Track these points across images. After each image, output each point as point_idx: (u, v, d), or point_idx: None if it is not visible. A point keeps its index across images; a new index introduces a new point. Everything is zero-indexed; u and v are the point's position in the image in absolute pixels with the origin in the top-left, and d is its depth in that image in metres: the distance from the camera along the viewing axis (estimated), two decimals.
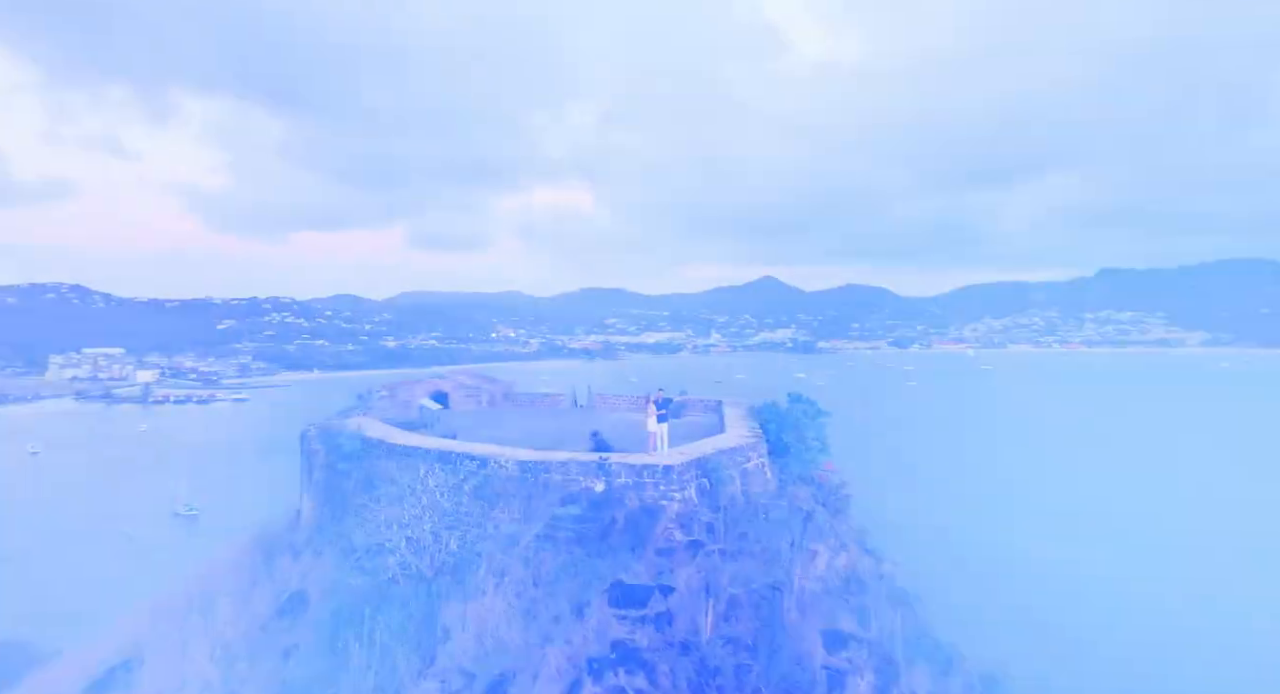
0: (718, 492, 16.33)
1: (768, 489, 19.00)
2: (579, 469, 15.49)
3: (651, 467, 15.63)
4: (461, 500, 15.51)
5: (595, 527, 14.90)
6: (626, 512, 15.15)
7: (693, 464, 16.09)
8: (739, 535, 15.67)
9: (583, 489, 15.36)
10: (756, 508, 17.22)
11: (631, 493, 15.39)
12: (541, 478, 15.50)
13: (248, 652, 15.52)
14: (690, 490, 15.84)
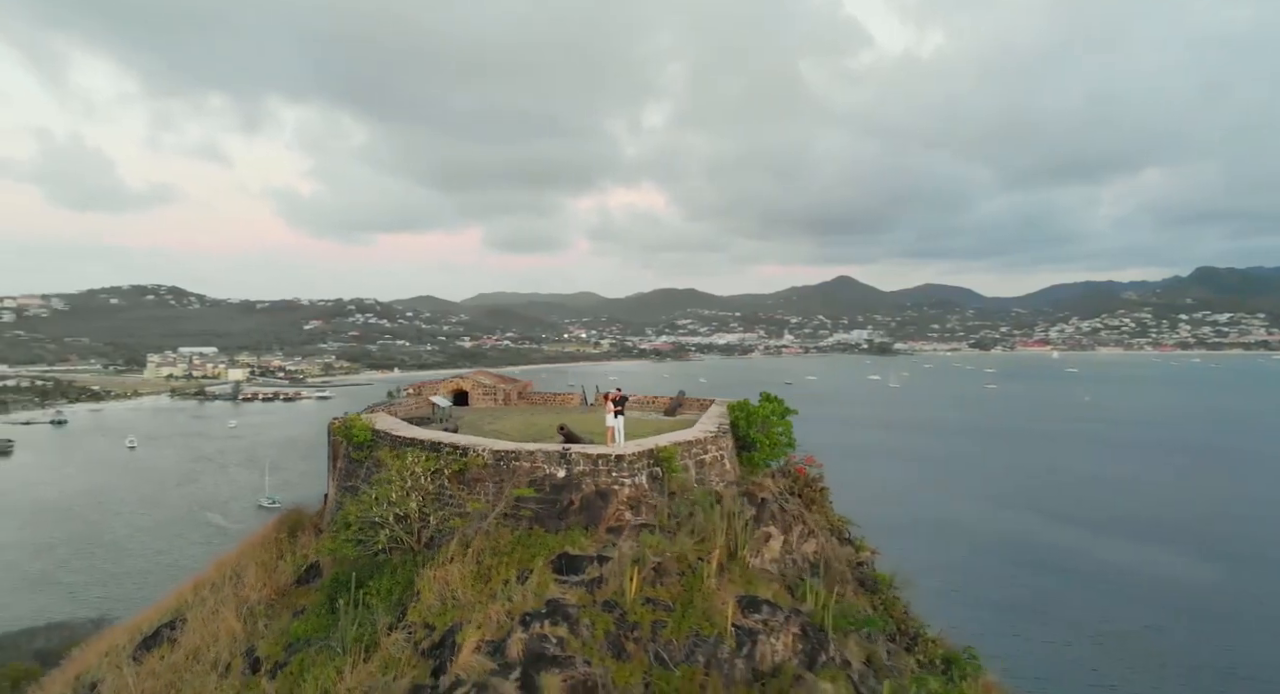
0: (669, 479, 18.63)
1: (726, 478, 21.07)
2: (544, 458, 17.89)
3: (606, 456, 17.94)
4: (444, 483, 18.02)
5: (554, 507, 17.30)
6: (582, 495, 17.48)
7: (645, 454, 18.33)
8: (686, 516, 17.91)
9: (546, 475, 17.73)
10: (708, 494, 19.40)
11: (588, 479, 17.73)
12: (512, 465, 17.95)
13: (267, 612, 18.46)
14: (641, 477, 18.10)
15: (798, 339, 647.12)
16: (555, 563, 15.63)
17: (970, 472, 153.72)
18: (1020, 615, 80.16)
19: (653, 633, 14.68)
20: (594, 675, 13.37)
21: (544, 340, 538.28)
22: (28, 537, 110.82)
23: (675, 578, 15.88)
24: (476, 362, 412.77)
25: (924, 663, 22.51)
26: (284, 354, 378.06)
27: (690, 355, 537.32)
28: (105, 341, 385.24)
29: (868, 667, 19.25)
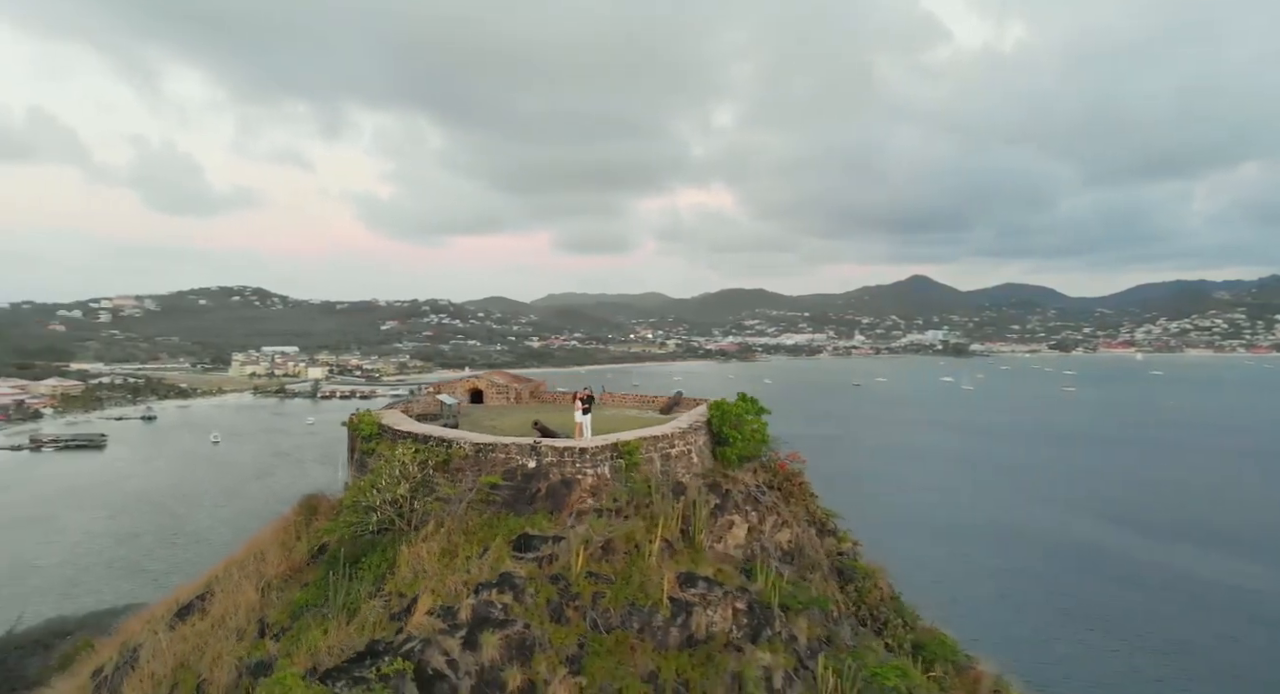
0: (632, 470, 20.53)
1: (692, 470, 22.82)
2: (517, 450, 19.89)
3: (572, 449, 19.98)
4: (429, 472, 20.36)
5: (523, 494, 19.34)
6: (549, 483, 19.46)
7: (608, 448, 20.26)
8: (643, 503, 19.80)
9: (518, 465, 19.73)
10: (663, 483, 21.25)
11: (555, 469, 19.69)
12: (489, 456, 20.03)
13: (281, 586, 21.03)
14: (604, 468, 19.98)
15: (869, 340, 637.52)
16: (516, 542, 17.75)
17: (1040, 477, 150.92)
18: (1084, 623, 79.37)
19: (593, 602, 16.70)
20: (531, 635, 15.43)
21: (610, 341, 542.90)
22: (117, 526, 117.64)
23: (621, 556, 17.86)
24: (544, 361, 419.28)
25: (892, 646, 24.04)
26: (361, 353, 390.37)
27: (756, 356, 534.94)
28: (193, 341, 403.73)
29: (826, 644, 20.95)
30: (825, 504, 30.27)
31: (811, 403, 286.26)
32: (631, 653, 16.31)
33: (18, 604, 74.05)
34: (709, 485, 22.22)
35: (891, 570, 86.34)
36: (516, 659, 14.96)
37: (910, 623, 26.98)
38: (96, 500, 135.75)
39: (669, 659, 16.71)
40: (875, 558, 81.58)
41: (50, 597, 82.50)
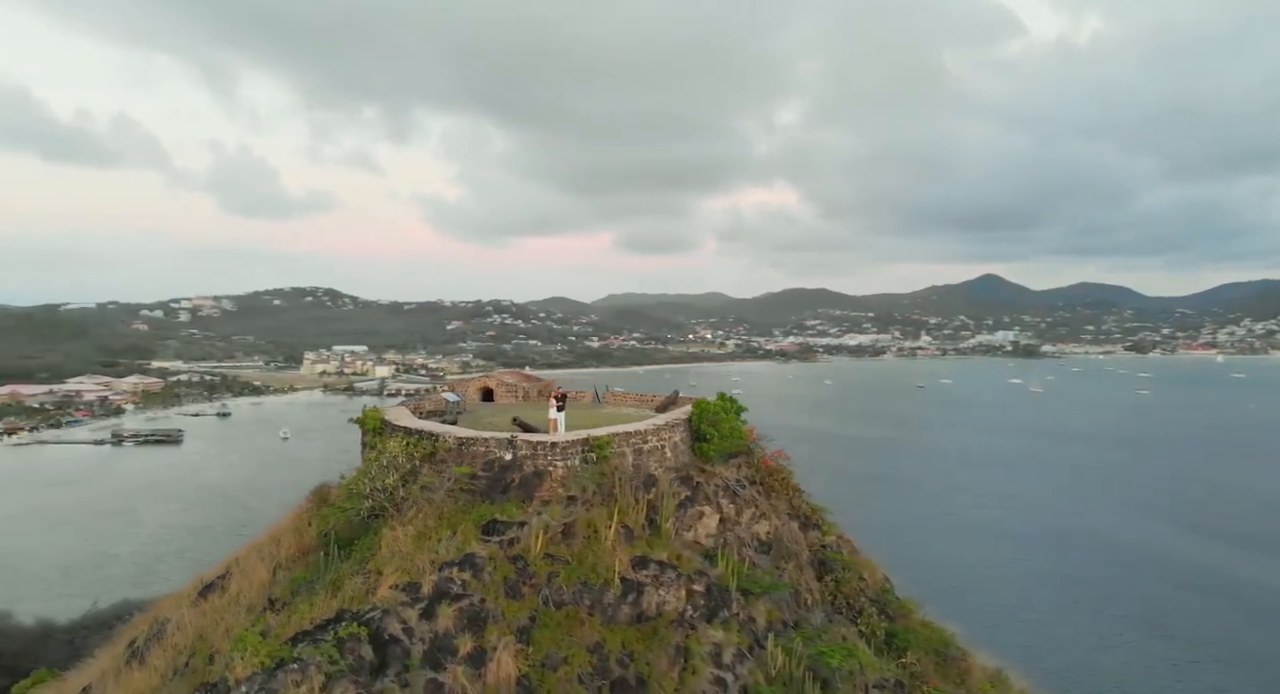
0: (602, 463, 22.08)
1: (665, 464, 24.20)
2: (495, 443, 21.57)
3: (544, 442, 21.66)
4: (416, 463, 22.28)
5: (499, 483, 21.04)
6: (522, 474, 21.12)
7: (579, 442, 21.85)
8: (609, 494, 21.34)
9: (496, 457, 21.42)
10: (642, 477, 22.72)
11: (529, 461, 21.26)
12: (470, 449, 21.72)
13: (289, 566, 23.18)
14: (574, 460, 21.48)
15: (935, 340, 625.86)
16: (485, 526, 19.48)
17: (1107, 481, 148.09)
18: (1146, 631, 78.57)
19: (548, 580, 18.33)
20: (486, 608, 17.12)
21: (669, 341, 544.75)
22: (190, 518, 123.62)
23: (580, 540, 19.47)
24: (603, 361, 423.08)
25: (865, 634, 25.19)
26: (426, 353, 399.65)
27: (817, 356, 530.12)
28: (267, 340, 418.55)
29: (793, 627, 22.25)
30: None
31: (870, 404, 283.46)
32: (580, 626, 17.90)
33: (95, 590, 79.14)
34: (681, 479, 23.64)
35: (934, 572, 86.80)
36: (469, 629, 16.66)
37: (892, 613, 28.04)
38: (172, 493, 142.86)
39: (615, 633, 18.26)
40: (914, 558, 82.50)
41: (124, 584, 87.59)
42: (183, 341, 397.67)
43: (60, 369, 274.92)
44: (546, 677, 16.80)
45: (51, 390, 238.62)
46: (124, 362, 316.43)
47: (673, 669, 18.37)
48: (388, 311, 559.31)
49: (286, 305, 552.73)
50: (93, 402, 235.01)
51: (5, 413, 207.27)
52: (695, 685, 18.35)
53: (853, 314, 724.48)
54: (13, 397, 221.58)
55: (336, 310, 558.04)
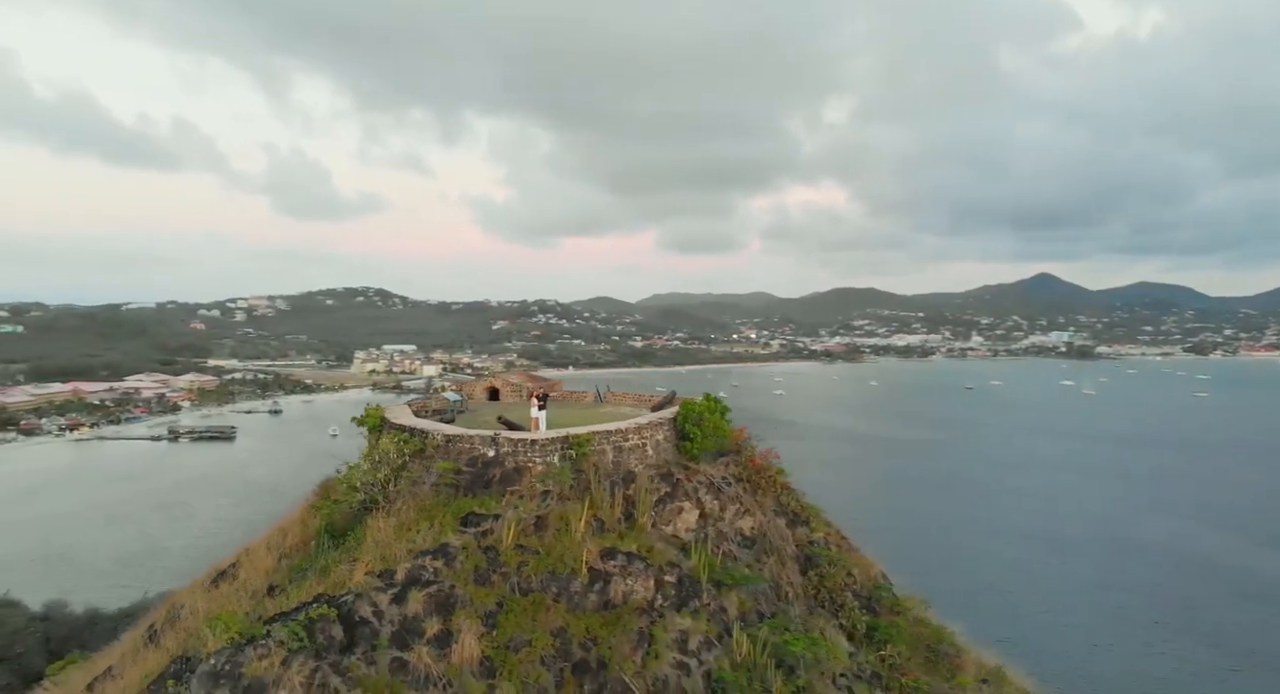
0: (581, 460, 23.11)
1: (646, 462, 25.13)
2: (480, 441, 22.69)
3: (525, 440, 22.77)
4: (406, 459, 23.54)
5: (481, 478, 22.20)
6: (503, 470, 22.25)
7: (559, 440, 22.90)
8: (585, 489, 22.38)
9: (479, 454, 22.51)
10: (621, 473, 23.72)
11: (510, 457, 22.34)
12: (457, 446, 22.86)
13: (292, 554, 24.68)
14: (554, 457, 22.50)
15: (987, 341, 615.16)
16: (463, 519, 20.63)
17: (1157, 486, 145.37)
18: (1190, 638, 77.71)
19: (517, 569, 19.42)
20: (455, 594, 18.27)
21: (713, 341, 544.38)
22: (240, 513, 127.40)
23: (552, 532, 20.54)
24: (645, 361, 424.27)
25: (845, 627, 25.90)
26: (473, 352, 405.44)
27: (863, 357, 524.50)
28: (319, 339, 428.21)
29: (770, 618, 23.08)
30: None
31: (916, 406, 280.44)
32: (545, 612, 18.96)
33: (147, 581, 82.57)
34: (661, 475, 24.58)
35: (973, 575, 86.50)
36: (437, 613, 17.78)
37: (879, 608, 28.69)
38: (224, 488, 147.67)
39: (580, 619, 19.30)
40: (955, 560, 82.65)
41: (175, 576, 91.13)
42: (238, 340, 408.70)
43: (120, 367, 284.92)
44: (509, 657, 17.90)
45: (111, 388, 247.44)
46: (181, 360, 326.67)
47: (635, 653, 19.35)
48: (436, 311, 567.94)
49: (338, 305, 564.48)
50: (150, 399, 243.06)
51: (68, 409, 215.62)
52: (657, 669, 19.30)
53: (902, 314, 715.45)
54: (75, 393, 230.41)
55: (387, 310, 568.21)
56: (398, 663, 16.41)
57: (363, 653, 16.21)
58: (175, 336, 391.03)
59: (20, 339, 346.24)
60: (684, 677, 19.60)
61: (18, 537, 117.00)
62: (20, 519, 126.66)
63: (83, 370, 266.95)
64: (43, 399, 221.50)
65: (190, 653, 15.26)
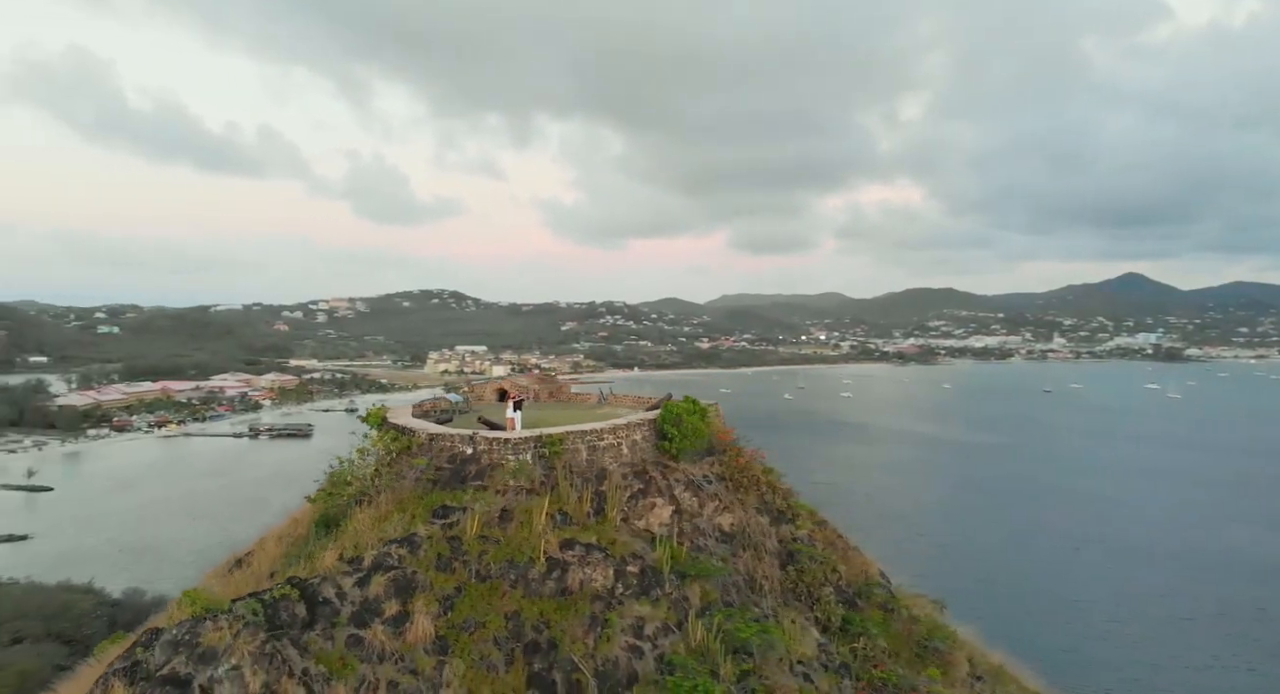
0: (554, 458, 24.50)
1: (620, 460, 26.32)
2: (459, 439, 24.28)
3: (500, 439, 24.28)
4: (394, 455, 25.31)
5: (458, 474, 23.71)
6: (479, 466, 23.82)
7: (532, 439, 24.35)
8: (553, 483, 23.77)
9: (458, 451, 24.11)
10: (594, 471, 25.05)
11: (486, 455, 23.98)
12: (438, 444, 24.61)
13: (299, 540, 26.82)
14: (527, 455, 23.93)
15: (1070, 342, 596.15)
16: (436, 511, 22.25)
17: (1239, 493, 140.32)
18: (1265, 653, 75.84)
19: (478, 557, 20.94)
20: (416, 579, 19.87)
21: (781, 342, 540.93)
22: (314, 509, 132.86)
23: (515, 524, 22.02)
24: (711, 362, 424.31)
25: (820, 619, 26.83)
26: (540, 353, 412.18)
27: (938, 359, 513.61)
28: (395, 340, 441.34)
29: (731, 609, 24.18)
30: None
31: (990, 409, 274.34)
32: (501, 597, 20.40)
33: None
34: (635, 473, 25.85)
35: (1034, 581, 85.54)
36: (397, 595, 19.36)
37: (863, 603, 29.54)
38: (300, 485, 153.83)
39: (534, 603, 20.69)
40: (1018, 565, 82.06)
41: None
42: (318, 341, 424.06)
43: (207, 366, 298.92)
44: (462, 637, 19.37)
45: (198, 386, 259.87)
46: (264, 360, 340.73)
47: (587, 636, 20.67)
48: (507, 313, 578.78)
49: (414, 307, 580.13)
50: (234, 397, 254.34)
51: (157, 407, 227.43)
52: (608, 651, 20.59)
53: (981, 315, 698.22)
54: (164, 392, 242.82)
55: (460, 311, 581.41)
56: (354, 639, 18.03)
57: (322, 629, 17.89)
58: (260, 337, 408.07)
59: (117, 339, 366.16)
60: (636, 659, 20.84)
61: (109, 527, 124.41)
62: (112, 511, 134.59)
63: (172, 370, 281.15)
64: (134, 397, 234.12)
65: (161, 626, 17.13)
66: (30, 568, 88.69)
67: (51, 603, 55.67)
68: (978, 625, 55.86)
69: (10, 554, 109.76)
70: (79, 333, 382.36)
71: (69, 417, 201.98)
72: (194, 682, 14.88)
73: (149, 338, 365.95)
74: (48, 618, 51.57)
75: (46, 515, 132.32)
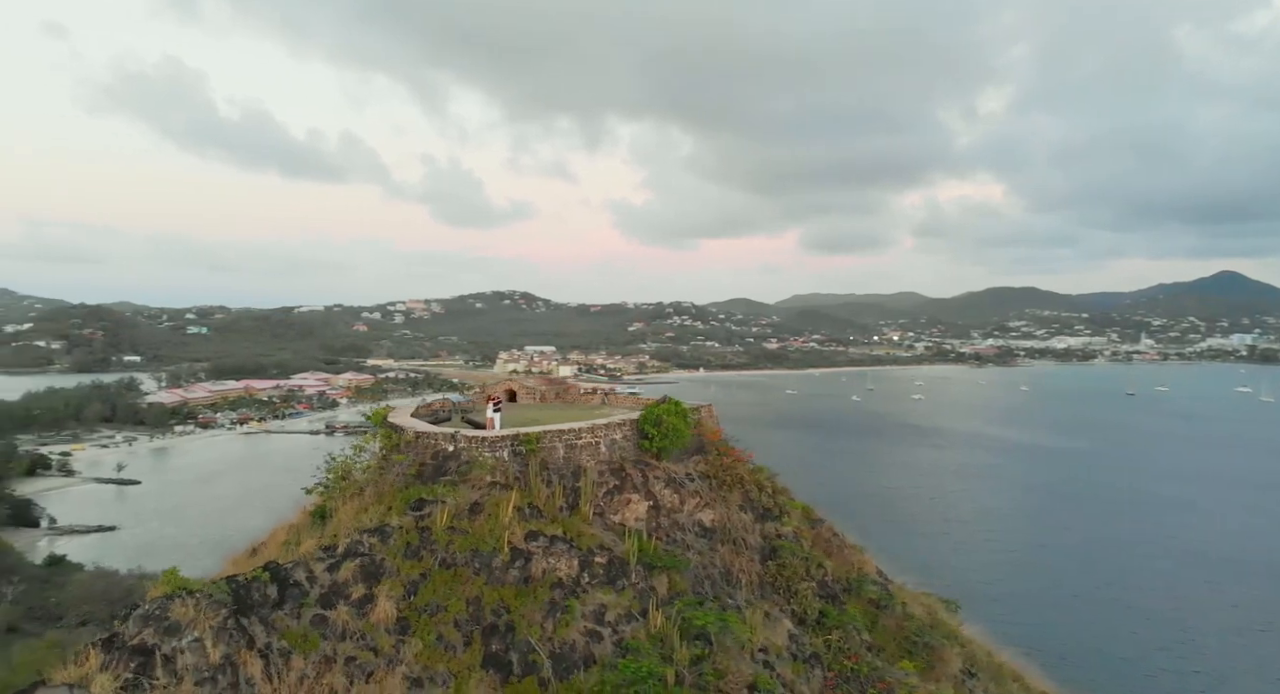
0: (530, 455, 25.80)
1: (598, 458, 27.46)
2: (443, 437, 25.76)
3: (479, 437, 25.71)
4: (385, 451, 27.10)
5: (439, 470, 25.23)
6: (458, 463, 25.35)
7: (509, 437, 25.70)
8: (528, 479, 25.12)
9: (441, 448, 25.66)
10: (571, 468, 26.29)
11: (465, 452, 25.45)
12: (424, 441, 26.19)
13: (304, 529, 28.85)
14: (504, 453, 25.32)
15: (1158, 344, 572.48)
16: (413, 504, 23.81)
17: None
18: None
19: (445, 547, 22.40)
20: (384, 566, 21.43)
21: (851, 343, 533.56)
22: None
23: (484, 516, 23.42)
24: (778, 363, 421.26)
25: (797, 612, 27.66)
26: (607, 353, 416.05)
27: (1016, 361, 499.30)
28: (468, 340, 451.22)
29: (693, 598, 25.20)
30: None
31: (1068, 413, 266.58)
32: (465, 583, 21.80)
33: None
34: (612, 470, 27.05)
35: (1096, 588, 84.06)
36: (364, 580, 20.90)
37: (850, 599, 30.17)
38: None
39: (496, 590, 22.02)
40: (1089, 571, 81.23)
41: None
42: (395, 341, 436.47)
43: (289, 366, 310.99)
44: (423, 619, 20.86)
45: (279, 385, 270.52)
46: (343, 359, 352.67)
47: (546, 621, 21.97)
48: (576, 313, 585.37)
49: (486, 308, 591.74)
50: (312, 395, 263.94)
51: (240, 405, 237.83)
52: (566, 635, 21.86)
53: (1064, 315, 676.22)
54: (247, 390, 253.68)
55: (531, 312, 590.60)
56: (319, 618, 19.66)
57: (290, 609, 19.57)
58: (339, 337, 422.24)
59: (205, 339, 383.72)
60: (594, 643, 22.08)
61: (190, 519, 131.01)
62: (193, 503, 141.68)
63: (255, 369, 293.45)
64: (219, 395, 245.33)
65: (138, 603, 19.02)
66: (115, 558, 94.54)
67: (116, 588, 59.59)
68: (1022, 630, 55.19)
69: (99, 544, 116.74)
70: (170, 333, 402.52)
71: (157, 414, 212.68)
72: (159, 651, 16.65)
73: (235, 338, 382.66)
74: (113, 602, 55.25)
75: (134, 507, 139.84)
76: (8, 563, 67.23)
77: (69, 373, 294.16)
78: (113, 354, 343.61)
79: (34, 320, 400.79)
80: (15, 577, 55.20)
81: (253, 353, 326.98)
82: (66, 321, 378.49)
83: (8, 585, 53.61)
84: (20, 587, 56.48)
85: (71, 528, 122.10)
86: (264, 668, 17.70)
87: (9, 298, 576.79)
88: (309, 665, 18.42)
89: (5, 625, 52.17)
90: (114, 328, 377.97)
